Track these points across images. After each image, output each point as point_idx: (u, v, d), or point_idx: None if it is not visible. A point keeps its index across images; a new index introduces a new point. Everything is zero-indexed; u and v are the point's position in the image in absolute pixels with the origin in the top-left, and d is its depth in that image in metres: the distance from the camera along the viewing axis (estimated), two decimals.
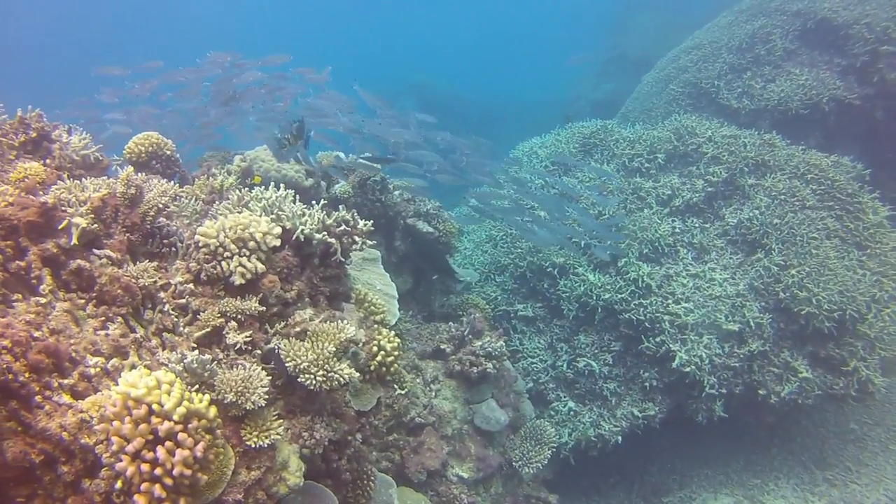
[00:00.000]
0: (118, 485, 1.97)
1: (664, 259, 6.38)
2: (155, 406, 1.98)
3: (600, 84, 18.97)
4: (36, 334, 2.22)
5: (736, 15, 10.23)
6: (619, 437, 5.89)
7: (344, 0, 43.61)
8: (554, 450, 5.24)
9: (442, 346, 5.00)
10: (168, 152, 4.25)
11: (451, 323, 5.24)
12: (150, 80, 5.57)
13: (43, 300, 2.41)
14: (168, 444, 1.97)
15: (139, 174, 3.23)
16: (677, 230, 6.56)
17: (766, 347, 5.83)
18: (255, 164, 4.91)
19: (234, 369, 2.55)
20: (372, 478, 3.33)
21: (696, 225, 6.63)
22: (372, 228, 3.43)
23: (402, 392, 4.22)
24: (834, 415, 6.76)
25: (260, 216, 3.01)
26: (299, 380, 2.69)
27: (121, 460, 1.92)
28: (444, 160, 5.00)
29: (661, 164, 7.16)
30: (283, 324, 2.90)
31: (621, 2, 21.60)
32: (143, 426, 1.95)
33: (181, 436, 1.99)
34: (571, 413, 6.02)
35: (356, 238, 3.33)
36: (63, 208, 2.75)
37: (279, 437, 2.55)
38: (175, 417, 1.99)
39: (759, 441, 6.65)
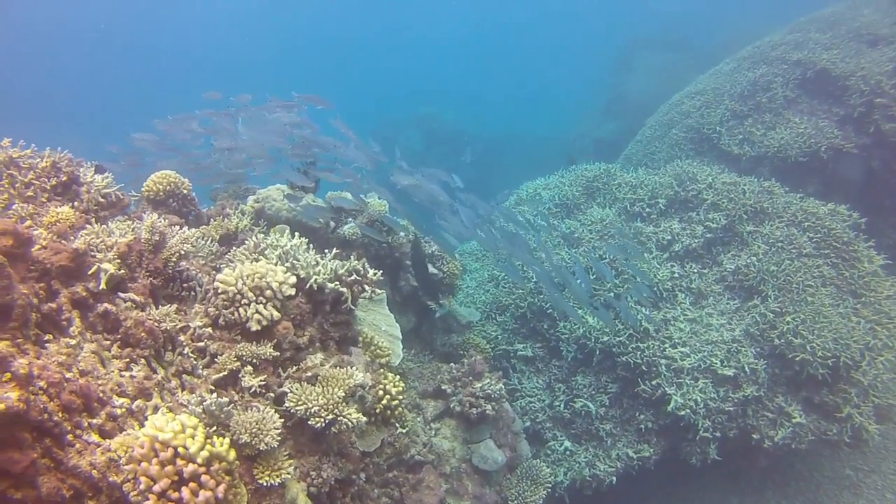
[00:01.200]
0: None
1: (662, 303, 6.51)
2: (180, 449, 2.14)
3: (604, 123, 19.14)
4: (67, 375, 2.38)
5: (738, 62, 10.49)
6: (614, 478, 5.96)
7: (357, 32, 44.56)
8: (549, 489, 5.32)
9: (443, 387, 5.13)
10: (185, 191, 4.42)
11: (452, 364, 5.36)
12: (184, 116, 5.69)
13: (73, 342, 2.57)
14: (192, 485, 2.12)
15: (162, 219, 3.40)
16: (676, 275, 6.69)
17: (761, 392, 5.91)
18: (267, 203, 5.06)
19: (249, 411, 2.70)
20: None
21: (695, 270, 6.77)
22: (381, 278, 3.59)
23: (404, 430, 4.35)
24: (829, 460, 6.79)
25: (276, 264, 3.18)
26: (310, 423, 2.84)
27: (147, 499, 2.07)
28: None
29: (661, 210, 7.32)
30: (295, 368, 3.06)
31: (625, 40, 21.93)
32: (169, 468, 2.10)
33: (204, 478, 2.14)
34: (567, 453, 6.11)
35: (366, 287, 3.49)
36: (92, 253, 2.92)
37: (289, 475, 2.69)
38: (199, 460, 2.15)
39: (753, 484, 6.71)
